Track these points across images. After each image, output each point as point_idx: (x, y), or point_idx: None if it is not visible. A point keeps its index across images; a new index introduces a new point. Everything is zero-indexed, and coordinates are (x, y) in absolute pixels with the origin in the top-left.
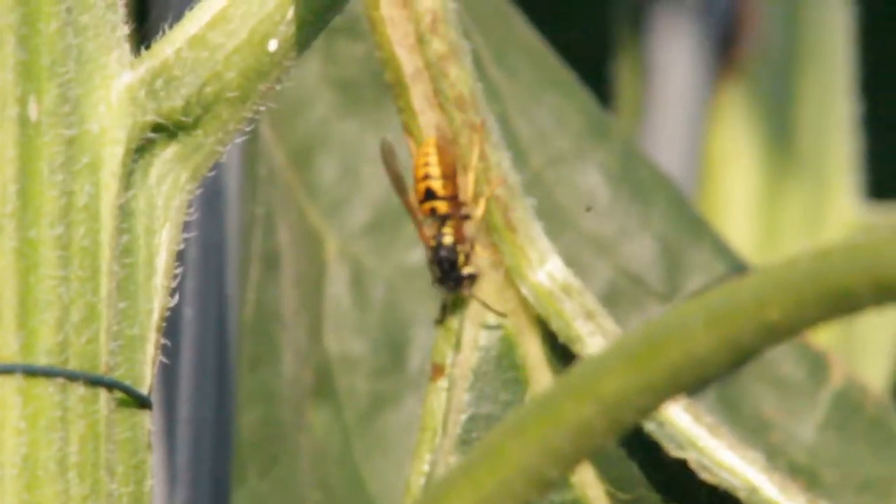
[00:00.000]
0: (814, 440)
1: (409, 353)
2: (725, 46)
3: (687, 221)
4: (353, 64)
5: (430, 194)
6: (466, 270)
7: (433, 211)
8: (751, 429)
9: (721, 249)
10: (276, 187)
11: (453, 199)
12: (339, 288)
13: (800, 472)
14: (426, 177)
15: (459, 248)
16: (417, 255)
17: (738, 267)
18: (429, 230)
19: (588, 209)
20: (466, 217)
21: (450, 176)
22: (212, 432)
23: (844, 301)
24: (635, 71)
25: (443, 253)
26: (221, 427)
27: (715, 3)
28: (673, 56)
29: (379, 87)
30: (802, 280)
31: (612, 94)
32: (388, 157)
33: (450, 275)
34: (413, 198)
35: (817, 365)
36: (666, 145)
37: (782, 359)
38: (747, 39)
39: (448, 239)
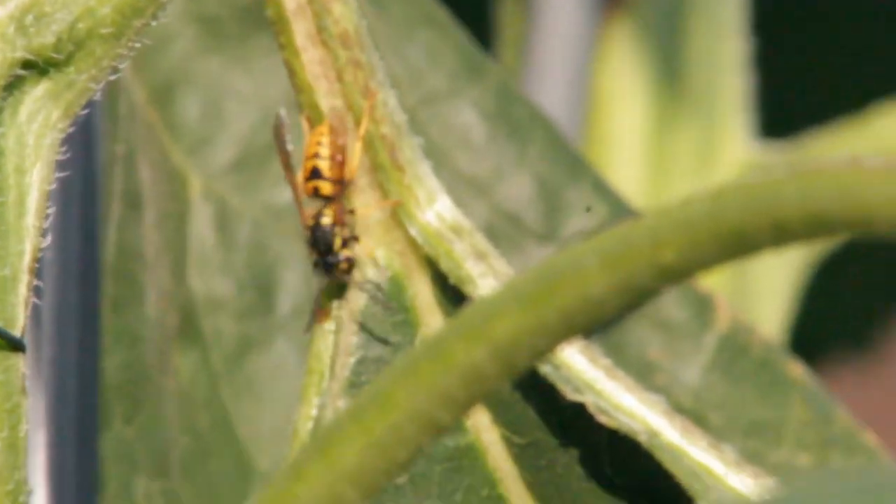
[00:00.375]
0: (699, 383)
1: (278, 295)
2: None
3: (565, 160)
4: None
5: (315, 173)
6: (343, 254)
7: (316, 191)
8: (636, 371)
9: (601, 189)
10: (138, 125)
11: (338, 182)
12: (203, 227)
13: (686, 415)
14: (315, 155)
15: (337, 230)
16: (285, 195)
17: (619, 208)
18: (310, 211)
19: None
20: (350, 211)
21: (338, 160)
22: (76, 376)
23: (741, 242)
24: (518, 7)
25: (318, 234)
26: (86, 371)
27: None
28: None
29: (243, 22)
30: (698, 220)
31: (494, 31)
32: (279, 133)
33: (326, 258)
34: (299, 176)
35: (703, 307)
36: (551, 83)
37: (667, 301)
38: None
39: (326, 220)
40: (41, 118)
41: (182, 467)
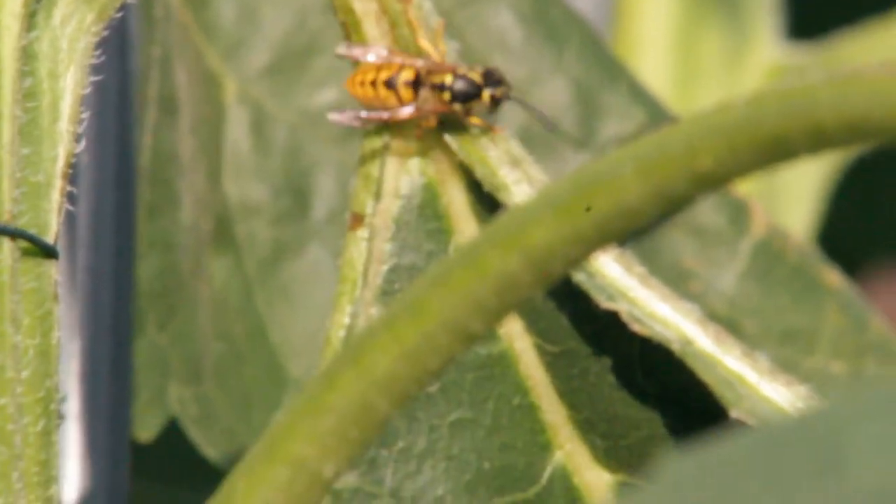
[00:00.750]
0: (734, 290)
1: (313, 201)
2: None
3: (602, 64)
4: None
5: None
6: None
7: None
8: (670, 279)
9: (638, 93)
10: (173, 28)
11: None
12: (238, 132)
13: (720, 322)
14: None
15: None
16: (321, 99)
17: (656, 112)
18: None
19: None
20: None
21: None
22: (111, 282)
23: (778, 148)
24: None
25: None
26: (120, 277)
27: None
28: None
29: None
30: (735, 127)
31: None
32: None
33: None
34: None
35: (738, 213)
36: None
37: (703, 208)
38: None
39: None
40: (75, 21)
41: (215, 373)
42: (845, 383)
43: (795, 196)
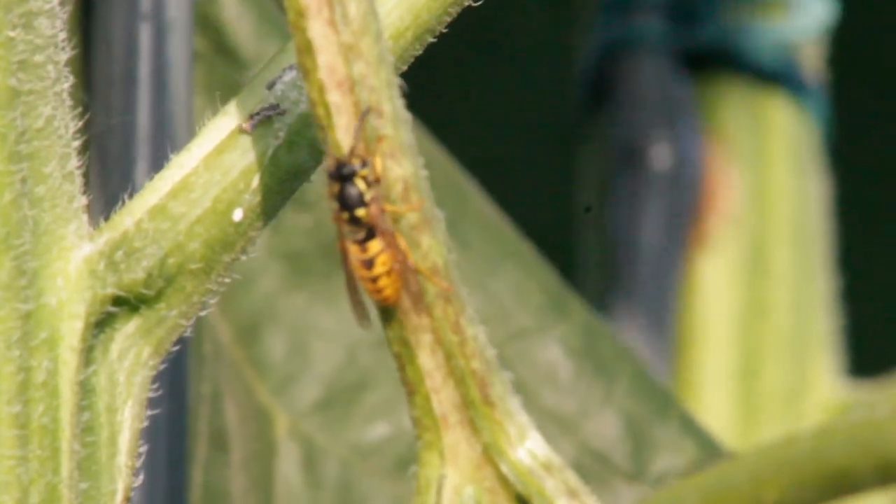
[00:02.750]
0: None
1: None
2: (694, 218)
3: (653, 398)
4: (301, 235)
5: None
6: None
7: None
8: None
9: (689, 426)
10: (223, 365)
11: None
12: (290, 467)
13: None
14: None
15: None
16: (373, 434)
17: (707, 445)
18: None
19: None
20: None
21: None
22: None
23: (846, 481)
24: (601, 243)
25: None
26: None
27: (683, 173)
28: (640, 228)
29: (327, 258)
30: (801, 460)
31: (577, 266)
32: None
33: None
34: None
35: None
36: (636, 318)
37: None
38: (717, 211)
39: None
40: (132, 355)
41: None
42: None
43: None
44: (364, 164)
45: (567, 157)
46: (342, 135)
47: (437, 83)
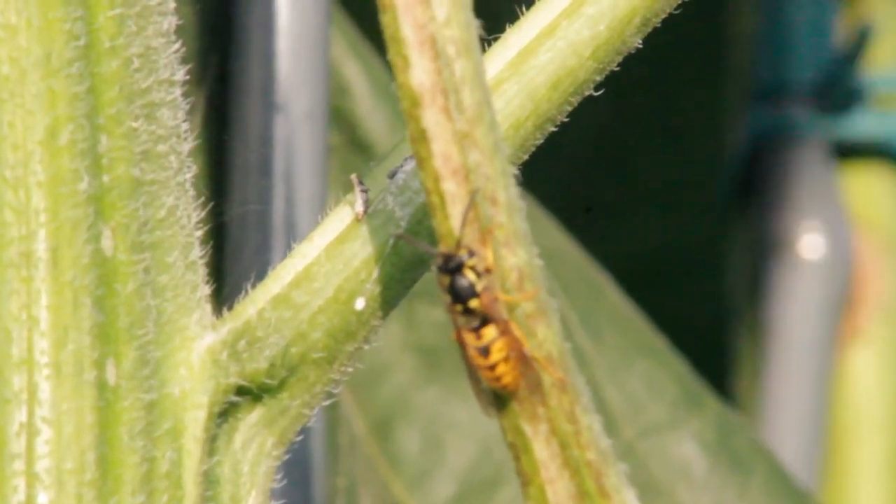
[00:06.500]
0: None
1: None
2: (846, 309)
3: (789, 494)
4: (433, 329)
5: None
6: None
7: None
8: None
9: None
10: (358, 457)
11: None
12: None
13: None
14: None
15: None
16: None
17: None
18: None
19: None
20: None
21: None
22: None
23: None
24: (754, 336)
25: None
26: None
27: (834, 264)
28: (792, 319)
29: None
30: None
31: (730, 361)
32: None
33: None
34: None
35: None
36: (787, 417)
37: None
38: (868, 302)
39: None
40: (256, 445)
41: None
42: None
43: None
44: (472, 254)
45: (717, 247)
46: (457, 224)
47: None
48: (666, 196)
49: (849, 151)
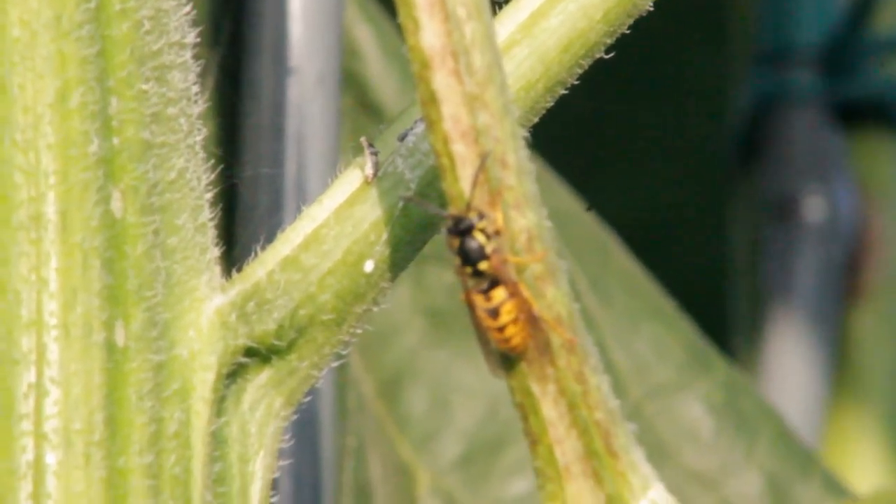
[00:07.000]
0: None
1: None
2: (849, 271)
3: (795, 456)
4: (443, 291)
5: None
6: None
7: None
8: None
9: (831, 485)
10: (367, 418)
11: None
12: None
13: None
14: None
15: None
16: (514, 489)
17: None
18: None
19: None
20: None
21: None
22: None
23: None
24: (755, 298)
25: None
26: None
27: (836, 226)
28: (794, 281)
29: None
30: None
31: (732, 323)
32: None
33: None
34: None
35: None
36: (789, 374)
37: None
38: (872, 263)
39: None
40: (264, 406)
41: None
42: None
43: None
44: (481, 216)
45: (719, 209)
46: (466, 186)
47: (584, 133)
48: (668, 158)
49: (853, 114)
